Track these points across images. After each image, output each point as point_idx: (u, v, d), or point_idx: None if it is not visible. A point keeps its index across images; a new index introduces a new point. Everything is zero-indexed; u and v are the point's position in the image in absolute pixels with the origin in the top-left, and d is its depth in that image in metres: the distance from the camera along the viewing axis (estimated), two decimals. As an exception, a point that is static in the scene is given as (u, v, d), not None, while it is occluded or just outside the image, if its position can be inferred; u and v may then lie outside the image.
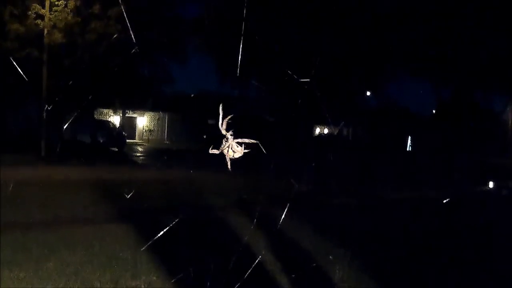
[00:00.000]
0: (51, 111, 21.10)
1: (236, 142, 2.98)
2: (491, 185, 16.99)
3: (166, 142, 39.03)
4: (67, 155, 19.63)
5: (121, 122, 35.69)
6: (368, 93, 33.87)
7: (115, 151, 27.28)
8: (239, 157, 3.00)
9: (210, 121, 35.18)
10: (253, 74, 23.74)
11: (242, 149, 3.00)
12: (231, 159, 3.00)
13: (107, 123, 31.17)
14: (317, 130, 42.85)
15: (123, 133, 30.49)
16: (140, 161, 24.11)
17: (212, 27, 25.06)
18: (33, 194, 10.59)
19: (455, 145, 26.89)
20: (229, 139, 2.99)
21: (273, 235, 7.02)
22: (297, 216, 8.27)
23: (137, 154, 27.84)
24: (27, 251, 6.26)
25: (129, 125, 37.60)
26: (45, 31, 20.21)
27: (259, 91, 32.37)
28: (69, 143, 24.36)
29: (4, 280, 5.26)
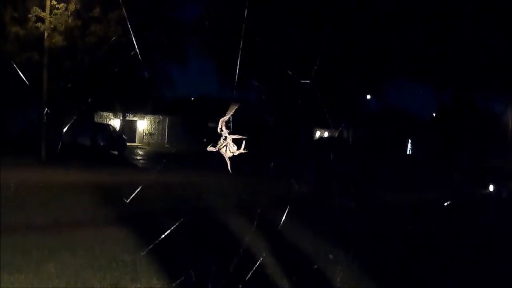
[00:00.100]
0: (51, 114, 21.11)
1: (231, 139, 3.00)
2: (491, 187, 17.00)
3: (166, 145, 38.98)
4: (67, 158, 19.59)
5: (121, 125, 35.66)
6: (368, 96, 33.87)
7: (115, 154, 27.25)
8: (236, 154, 3.01)
9: (210, 124, 35.15)
10: (253, 76, 23.74)
11: (236, 148, 3.01)
12: (229, 158, 3.00)
13: (107, 126, 31.14)
14: (317, 133, 42.81)
15: (123, 136, 30.46)
16: (140, 164, 24.08)
17: (211, 29, 25.05)
18: (33, 196, 10.57)
19: (455, 147, 26.86)
20: (227, 138, 3.00)
21: (273, 237, 7.00)
22: (297, 218, 8.25)
23: (137, 157, 27.81)
24: (27, 254, 6.25)
25: (129, 128, 37.55)
26: (46, 34, 20.21)
27: (259, 94, 32.34)
28: (69, 146, 24.32)
29: (4, 282, 5.24)
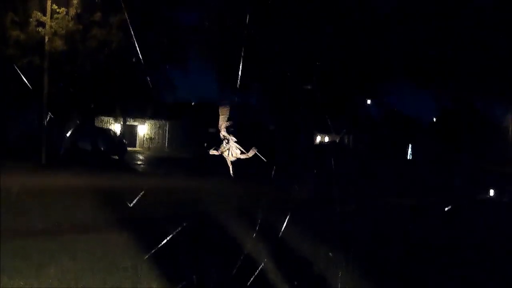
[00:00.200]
0: (52, 119, 21.11)
1: (235, 145, 2.96)
2: (492, 191, 16.99)
3: (166, 150, 38.98)
4: (67, 162, 19.62)
5: (121, 129, 35.65)
6: (368, 100, 33.88)
7: (116, 158, 27.24)
8: (243, 157, 2.97)
9: (210, 129, 35.07)
10: (254, 81, 23.78)
11: (240, 152, 2.98)
12: (231, 162, 2.97)
13: (108, 131, 31.13)
14: (317, 138, 42.82)
15: (124, 141, 30.46)
16: (140, 169, 24.07)
17: (212, 33, 25.12)
18: (33, 201, 10.54)
19: (456, 151, 26.85)
20: (229, 141, 2.97)
21: (275, 241, 6.98)
22: (298, 222, 8.23)
23: (138, 162, 27.80)
24: (27, 258, 6.22)
25: (130, 133, 37.53)
26: (46, 39, 20.22)
27: (260, 99, 32.39)
28: (70, 150, 24.34)
29: (4, 286, 5.22)
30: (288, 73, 21.78)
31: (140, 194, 6.24)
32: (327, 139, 42.70)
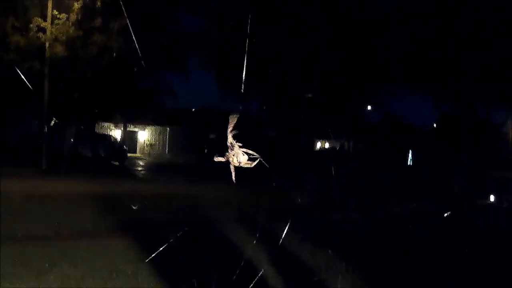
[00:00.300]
0: (52, 125, 21.11)
1: (242, 151, 2.95)
2: (492, 197, 16.99)
3: (167, 156, 39.00)
4: (68, 168, 19.61)
5: (122, 135, 35.68)
6: (369, 107, 33.88)
7: (116, 165, 27.24)
8: (245, 167, 2.96)
9: (211, 136, 35.16)
10: (254, 87, 23.78)
11: (247, 158, 2.97)
12: (235, 167, 2.96)
13: (108, 137, 31.18)
14: (318, 144, 42.84)
15: (124, 147, 30.48)
16: (141, 175, 24.06)
17: (213, 40, 25.14)
18: (34, 207, 10.53)
19: (456, 157, 26.80)
20: (235, 147, 2.96)
21: (275, 248, 6.96)
22: (298, 229, 8.21)
23: (138, 168, 27.80)
24: (27, 264, 6.20)
25: (130, 139, 37.57)
26: (47, 44, 20.25)
27: (261, 105, 32.39)
28: (70, 156, 24.35)
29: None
30: (288, 76, 21.81)
31: (140, 200, 6.23)
32: (327, 145, 42.71)
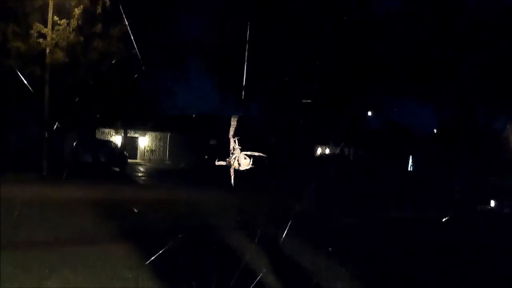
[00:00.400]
0: (53, 130, 21.10)
1: (244, 154, 2.99)
2: (493, 203, 17.02)
3: (167, 162, 39.00)
4: (68, 174, 19.60)
5: (122, 142, 35.69)
6: (369, 113, 33.92)
7: (117, 171, 27.25)
8: (245, 169, 2.99)
9: (211, 142, 35.17)
10: (255, 90, 23.82)
11: (249, 162, 3.01)
12: (236, 170, 3.00)
13: (108, 143, 31.19)
14: (318, 150, 42.86)
15: (125, 153, 30.49)
16: (141, 181, 24.06)
17: (214, 41, 25.22)
18: (34, 213, 10.52)
19: (456, 163, 26.79)
20: (236, 150, 3.00)
21: (274, 253, 6.98)
22: (297, 234, 8.21)
23: (139, 174, 27.82)
24: (28, 270, 6.20)
25: (130, 145, 37.59)
26: (47, 50, 20.27)
27: (261, 112, 32.44)
28: (71, 162, 24.35)
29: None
30: (289, 77, 21.85)
31: (140, 206, 6.24)
32: (328, 151, 42.71)
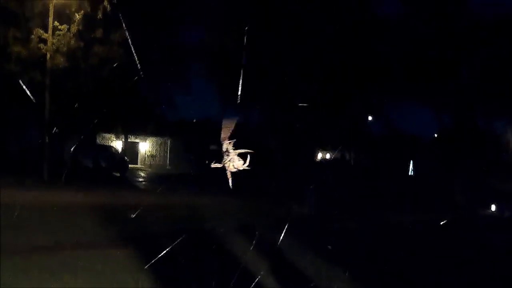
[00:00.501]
0: (53, 135, 21.12)
1: (237, 155, 3.05)
2: (493, 207, 17.03)
3: (168, 167, 38.99)
4: (69, 179, 19.61)
5: (123, 147, 35.71)
6: (370, 117, 33.88)
7: (117, 176, 27.25)
8: (240, 169, 3.04)
9: (212, 147, 35.17)
10: (254, 98, 23.83)
11: (242, 163, 3.05)
12: (232, 172, 3.04)
13: (109, 148, 31.20)
14: (319, 154, 42.86)
15: (125, 158, 30.50)
16: (142, 186, 24.07)
17: (213, 51, 25.22)
18: (35, 217, 10.53)
19: (457, 168, 26.78)
20: (230, 153, 3.05)
21: (272, 255, 6.99)
22: (296, 238, 8.23)
23: (139, 179, 27.82)
24: (28, 275, 6.21)
25: (131, 150, 37.59)
26: (48, 55, 20.31)
27: (260, 117, 32.41)
28: (72, 167, 24.35)
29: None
30: (289, 78, 21.84)
31: (140, 210, 6.25)
32: (328, 156, 42.71)
